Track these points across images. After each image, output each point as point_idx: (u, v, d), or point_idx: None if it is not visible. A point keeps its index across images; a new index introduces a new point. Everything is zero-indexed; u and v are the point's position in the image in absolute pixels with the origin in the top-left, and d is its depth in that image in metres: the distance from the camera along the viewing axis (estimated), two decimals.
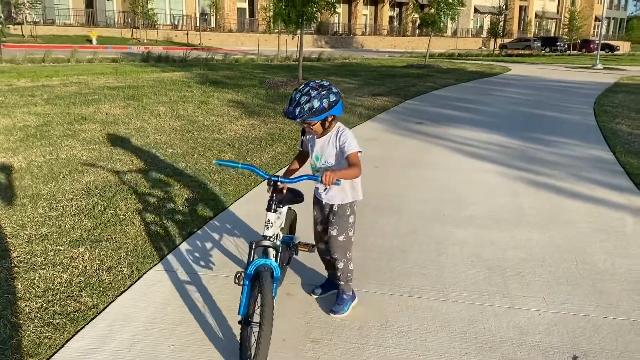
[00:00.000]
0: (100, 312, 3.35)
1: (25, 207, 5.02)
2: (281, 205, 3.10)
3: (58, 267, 3.89)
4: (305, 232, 4.17)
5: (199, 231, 4.66)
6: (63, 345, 3.01)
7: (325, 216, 3.32)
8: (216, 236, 4.57)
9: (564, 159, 7.57)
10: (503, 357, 3.01)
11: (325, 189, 3.25)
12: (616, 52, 62.81)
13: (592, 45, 61.47)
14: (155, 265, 4.01)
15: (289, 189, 3.20)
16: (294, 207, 3.54)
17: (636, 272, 4.09)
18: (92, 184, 5.75)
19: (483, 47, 60.48)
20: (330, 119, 3.02)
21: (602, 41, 46.10)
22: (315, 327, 3.26)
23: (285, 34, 27.08)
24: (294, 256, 3.79)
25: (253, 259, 2.89)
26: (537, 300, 3.64)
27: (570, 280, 3.93)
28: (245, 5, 48.05)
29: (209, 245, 4.39)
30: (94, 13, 39.84)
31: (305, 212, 3.92)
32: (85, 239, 4.39)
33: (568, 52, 58.40)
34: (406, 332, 3.23)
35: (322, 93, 2.90)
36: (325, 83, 2.96)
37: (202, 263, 4.06)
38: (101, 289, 3.61)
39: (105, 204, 5.16)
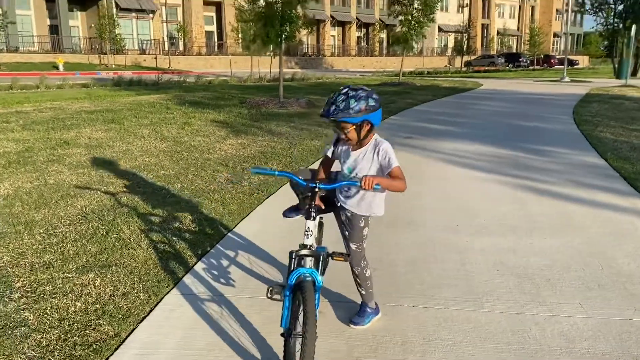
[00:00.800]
0: (123, 341, 3.12)
1: (21, 235, 4.73)
2: (318, 214, 2.96)
3: (69, 295, 3.63)
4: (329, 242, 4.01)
5: (211, 251, 4.46)
6: None
7: (340, 217, 3.22)
8: (230, 255, 4.37)
9: (558, 166, 7.62)
10: None
11: (348, 196, 3.10)
12: (576, 66, 64.87)
13: (553, 60, 63.51)
14: (172, 289, 3.79)
15: (323, 198, 3.10)
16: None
17: None
18: (88, 209, 5.48)
19: (449, 65, 61.77)
20: (367, 127, 2.87)
21: (563, 56, 47.72)
22: (356, 345, 3.10)
23: (257, 55, 27.05)
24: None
25: (294, 268, 2.75)
26: (574, 306, 3.55)
27: (602, 284, 3.87)
28: (214, 28, 48.04)
29: (225, 264, 4.19)
30: (59, 39, 39.18)
31: (330, 222, 3.77)
32: (92, 264, 4.13)
33: (532, 67, 60.07)
34: (452, 345, 3.10)
35: (362, 95, 2.78)
36: (367, 88, 2.85)
37: (222, 282, 3.87)
38: (120, 316, 3.38)
39: (107, 228, 4.91)
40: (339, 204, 3.16)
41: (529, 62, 60.68)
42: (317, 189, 2.86)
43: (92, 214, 5.30)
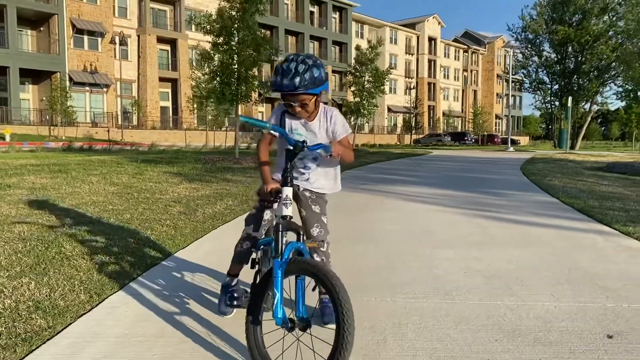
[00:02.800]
0: (58, 332, 2.75)
1: None
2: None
3: None
4: None
5: (162, 262, 4.13)
6: None
7: (301, 199, 2.87)
8: (182, 266, 4.06)
9: (515, 203, 7.70)
10: (536, 341, 2.71)
11: (308, 178, 2.85)
12: (518, 144, 68.22)
13: (496, 139, 66.66)
14: (118, 291, 3.44)
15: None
16: None
17: (630, 272, 4.02)
18: (26, 233, 5.05)
19: (398, 142, 63.83)
20: (320, 96, 2.68)
21: (505, 136, 50.63)
22: (317, 328, 2.82)
23: (212, 129, 27.16)
24: None
25: (282, 243, 2.32)
26: (546, 296, 3.42)
27: (570, 280, 3.77)
28: (169, 104, 48.32)
29: (176, 273, 3.87)
30: (8, 111, 38.33)
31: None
32: (27, 272, 3.73)
33: (477, 145, 62.76)
34: (424, 327, 2.88)
35: (318, 62, 2.57)
36: (312, 55, 2.66)
37: (171, 288, 3.53)
38: (56, 312, 3.00)
39: (47, 245, 4.51)
40: (299, 189, 2.85)
41: (473, 140, 63.47)
42: (305, 147, 2.48)
43: (31, 237, 4.87)
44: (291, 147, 2.48)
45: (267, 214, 2.86)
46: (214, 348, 2.59)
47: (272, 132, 2.62)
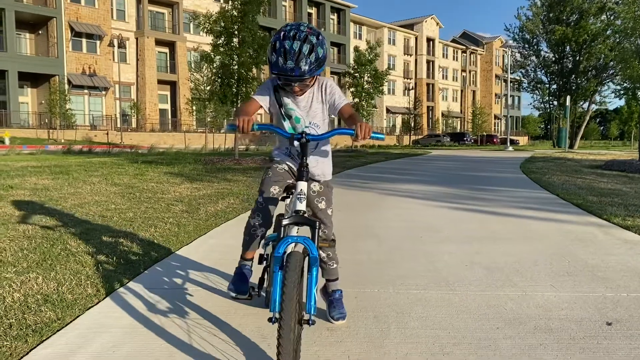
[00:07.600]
0: (68, 324, 2.80)
1: None
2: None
3: (7, 288, 3.27)
4: None
5: (167, 258, 4.18)
6: (28, 353, 2.44)
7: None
8: (185, 263, 4.10)
9: (515, 200, 7.76)
10: (537, 329, 2.76)
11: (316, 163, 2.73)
12: (516, 144, 68.36)
13: (495, 140, 66.83)
14: (124, 285, 3.48)
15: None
16: None
17: (628, 263, 4.07)
18: (31, 231, 5.09)
19: (397, 143, 63.96)
20: None
21: (504, 136, 51.09)
22: (323, 317, 2.88)
23: (211, 131, 27.19)
24: None
25: (284, 237, 2.27)
26: (547, 287, 3.47)
27: (570, 272, 3.83)
28: (168, 106, 48.38)
29: (179, 269, 3.91)
30: (7, 114, 38.38)
31: None
32: (34, 267, 3.78)
33: (478, 145, 62.89)
34: (427, 317, 2.93)
35: (320, 38, 2.36)
36: (307, 24, 2.43)
37: (176, 282, 3.58)
38: (64, 305, 3.05)
39: (52, 242, 4.55)
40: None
41: (472, 140, 63.63)
42: (304, 138, 2.35)
43: (36, 235, 4.92)
44: (295, 140, 2.41)
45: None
46: (219, 338, 2.63)
47: (258, 131, 2.49)
